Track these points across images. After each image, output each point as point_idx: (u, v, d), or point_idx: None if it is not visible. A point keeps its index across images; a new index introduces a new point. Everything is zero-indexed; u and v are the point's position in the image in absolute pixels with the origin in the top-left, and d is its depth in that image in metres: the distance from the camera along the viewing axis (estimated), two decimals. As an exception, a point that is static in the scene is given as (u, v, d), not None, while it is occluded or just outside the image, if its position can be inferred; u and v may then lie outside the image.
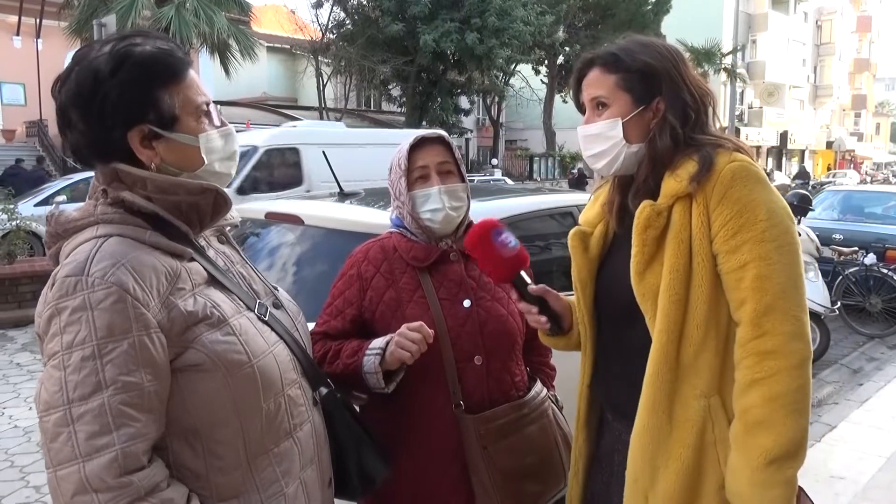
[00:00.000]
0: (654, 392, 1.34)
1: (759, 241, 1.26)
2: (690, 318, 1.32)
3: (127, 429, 1.01)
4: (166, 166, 1.17)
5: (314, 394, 1.33)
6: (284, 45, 26.97)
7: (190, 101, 1.19)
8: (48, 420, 1.02)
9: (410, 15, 20.89)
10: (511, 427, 1.66)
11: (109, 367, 1.01)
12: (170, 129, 1.16)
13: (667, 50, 1.43)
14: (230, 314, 1.17)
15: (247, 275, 1.32)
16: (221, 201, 1.21)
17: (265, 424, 1.18)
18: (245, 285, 1.28)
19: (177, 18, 14.78)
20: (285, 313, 1.34)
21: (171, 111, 1.16)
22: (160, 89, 1.15)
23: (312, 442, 1.29)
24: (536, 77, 27.61)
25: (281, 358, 1.23)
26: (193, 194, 1.17)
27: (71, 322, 1.02)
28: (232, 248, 1.35)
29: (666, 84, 1.39)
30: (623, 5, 25.93)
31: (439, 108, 23.48)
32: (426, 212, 1.67)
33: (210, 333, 1.12)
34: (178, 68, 1.18)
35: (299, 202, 3.20)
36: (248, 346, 1.16)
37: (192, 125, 1.19)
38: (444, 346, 1.60)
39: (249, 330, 1.18)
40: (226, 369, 1.12)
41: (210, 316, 1.13)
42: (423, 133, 1.73)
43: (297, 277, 2.64)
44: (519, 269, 1.49)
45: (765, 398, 1.24)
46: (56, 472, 1.01)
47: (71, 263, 1.06)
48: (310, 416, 1.29)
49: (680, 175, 1.34)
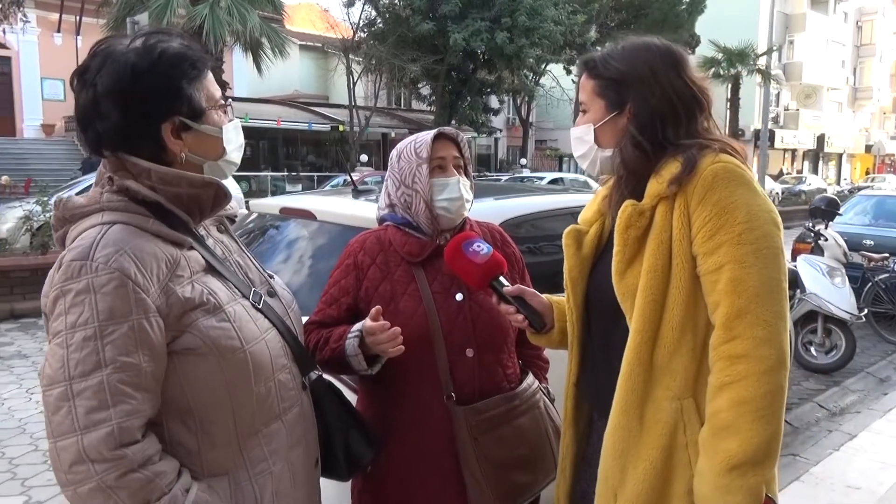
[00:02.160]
0: (626, 392, 1.35)
1: (735, 244, 1.26)
2: (666, 320, 1.32)
3: (123, 405, 1.08)
4: (192, 156, 1.26)
5: (304, 379, 1.39)
6: (316, 43, 27.21)
7: (212, 95, 1.28)
8: (50, 394, 1.09)
9: (441, 14, 20.92)
10: (502, 418, 1.68)
11: (109, 348, 1.08)
12: (198, 121, 1.25)
13: (650, 54, 1.43)
14: (225, 301, 1.22)
15: (243, 264, 1.38)
16: (221, 194, 1.28)
17: (256, 406, 1.24)
18: (241, 274, 1.34)
19: (211, 17, 14.98)
20: (279, 301, 1.39)
21: (200, 104, 1.25)
22: (190, 84, 1.24)
23: (301, 424, 1.36)
24: (567, 77, 27.44)
25: (272, 344, 1.28)
26: (195, 187, 1.24)
27: (75, 304, 1.09)
28: (230, 237, 1.41)
29: (634, 91, 1.40)
30: (656, 5, 25.68)
31: (469, 108, 23.50)
32: (443, 200, 1.71)
33: (206, 319, 1.18)
34: (201, 64, 1.26)
35: (313, 198, 3.25)
36: (241, 332, 1.22)
37: (215, 118, 1.29)
38: (436, 339, 1.64)
39: (243, 317, 1.24)
40: (219, 353, 1.18)
41: (206, 302, 1.19)
42: (444, 129, 1.79)
43: (309, 271, 2.69)
44: (493, 273, 1.57)
45: (732, 402, 1.24)
46: (56, 443, 1.08)
47: (77, 248, 1.12)
48: (299, 399, 1.36)
49: (663, 176, 1.34)
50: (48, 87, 23.99)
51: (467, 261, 1.57)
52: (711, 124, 1.43)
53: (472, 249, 1.58)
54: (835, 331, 5.85)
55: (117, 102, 1.18)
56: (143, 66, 1.18)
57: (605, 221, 1.53)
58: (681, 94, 1.39)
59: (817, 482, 3.64)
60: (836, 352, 5.84)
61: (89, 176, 12.50)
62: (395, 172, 1.77)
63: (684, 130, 1.39)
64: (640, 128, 1.39)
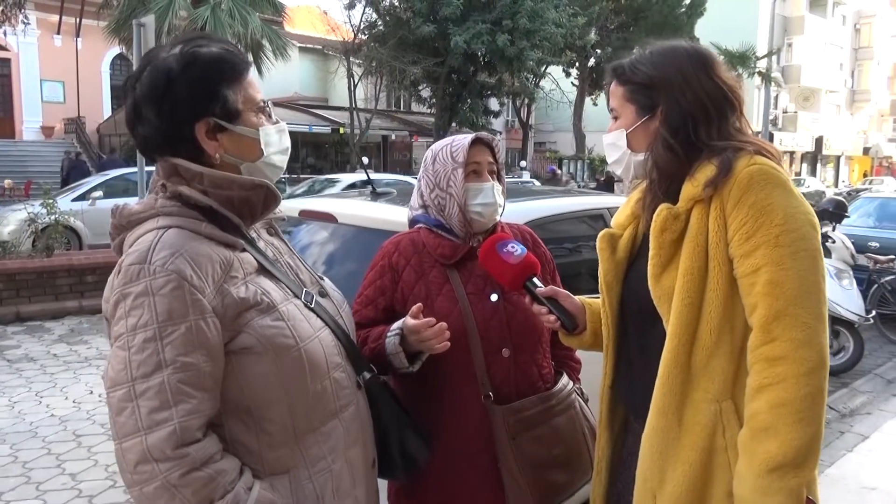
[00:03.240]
0: (664, 395, 1.36)
1: (773, 246, 1.26)
2: (704, 322, 1.32)
3: (184, 405, 1.10)
4: (229, 157, 1.27)
5: (358, 378, 1.40)
6: (316, 45, 27.23)
7: (250, 97, 1.29)
8: (114, 396, 1.11)
9: (442, 16, 20.93)
10: (539, 418, 1.69)
11: (169, 349, 1.10)
12: (233, 123, 1.26)
13: (677, 57, 1.44)
14: (278, 301, 1.24)
15: (294, 265, 1.40)
16: (271, 196, 1.30)
17: (312, 404, 1.26)
18: (292, 274, 1.36)
19: (212, 19, 15.01)
20: (330, 301, 1.41)
21: (235, 106, 1.26)
22: (224, 86, 1.25)
23: (357, 423, 1.37)
24: (567, 79, 27.48)
25: (326, 343, 1.30)
26: (246, 189, 1.26)
27: (135, 306, 1.11)
28: (280, 240, 1.43)
29: (664, 94, 1.41)
30: (656, 7, 25.69)
31: (469, 110, 23.50)
32: (477, 205, 1.73)
33: (260, 318, 1.20)
34: (240, 67, 1.28)
35: (332, 200, 3.26)
36: (295, 330, 1.23)
37: (253, 119, 1.29)
38: (472, 340, 1.65)
39: (296, 316, 1.26)
40: (275, 352, 1.19)
41: (260, 302, 1.21)
42: (481, 134, 1.80)
43: (328, 274, 2.68)
44: (526, 274, 1.59)
45: (771, 404, 1.23)
46: (121, 444, 1.10)
47: (134, 252, 1.15)
48: (355, 398, 1.37)
49: (698, 179, 1.35)
50: (48, 89, 23.99)
51: (501, 261, 1.58)
52: (744, 124, 1.44)
53: (507, 250, 1.59)
54: (843, 332, 5.87)
55: (154, 105, 1.22)
56: (177, 69, 1.22)
57: (639, 224, 1.54)
58: (711, 94, 1.40)
59: (833, 483, 3.64)
60: (845, 353, 5.86)
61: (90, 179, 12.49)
62: (429, 174, 1.78)
63: (716, 131, 1.39)
64: (671, 130, 1.40)
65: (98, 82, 24.70)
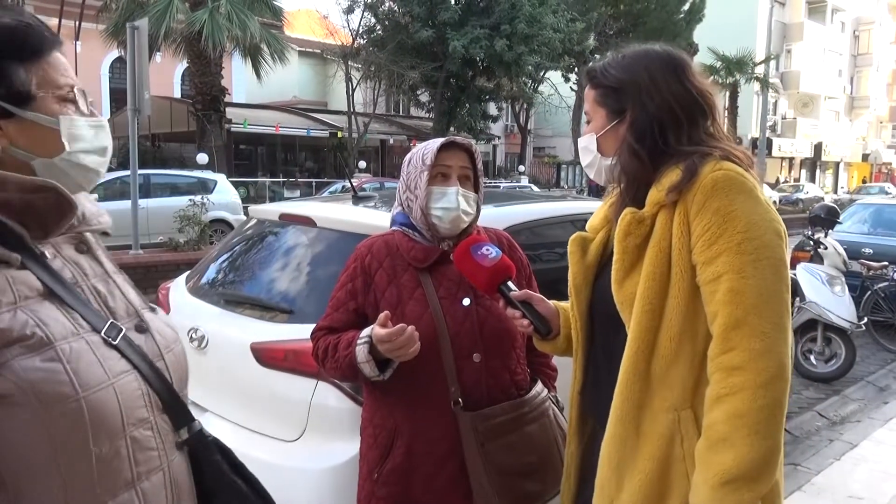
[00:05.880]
0: (622, 402, 1.34)
1: (735, 253, 1.23)
2: (664, 329, 1.30)
3: None
4: (16, 150, 1.04)
5: (176, 435, 1.12)
6: (315, 49, 27.25)
7: (51, 80, 1.06)
8: None
9: (440, 21, 20.97)
10: (510, 425, 1.67)
11: None
12: (22, 107, 1.03)
13: (648, 60, 1.42)
14: (59, 336, 0.97)
15: (105, 290, 1.12)
16: (65, 203, 1.04)
17: (97, 473, 0.98)
18: (98, 302, 1.09)
19: (210, 22, 14.99)
20: (150, 339, 1.13)
21: (25, 87, 1.03)
22: (12, 63, 1.02)
23: (166, 494, 1.09)
24: (566, 84, 27.53)
25: (126, 391, 1.02)
26: (26, 191, 1.01)
27: None
28: (93, 259, 1.15)
29: (632, 98, 1.39)
30: (655, 13, 25.74)
31: (467, 115, 23.54)
32: (438, 208, 1.71)
33: (25, 358, 0.93)
34: (37, 44, 1.05)
35: (313, 204, 3.24)
36: (76, 375, 0.96)
37: (53, 107, 1.07)
38: (442, 344, 1.63)
39: (85, 356, 0.99)
40: (40, 403, 0.93)
41: (29, 336, 0.95)
42: (455, 138, 1.78)
43: (308, 278, 2.67)
44: (501, 277, 1.57)
45: (727, 415, 1.21)
46: None
47: None
48: (165, 462, 1.08)
49: (663, 184, 1.33)
50: (47, 92, 24.00)
51: (476, 263, 1.57)
52: (717, 129, 1.41)
53: (481, 252, 1.58)
54: (835, 339, 5.84)
55: None
56: None
57: (612, 229, 1.52)
58: (681, 99, 1.38)
59: (819, 492, 3.61)
60: (836, 360, 5.82)
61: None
62: (403, 176, 1.78)
63: (686, 137, 1.37)
64: (637, 135, 1.38)
65: (97, 85, 24.70)
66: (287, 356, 2.33)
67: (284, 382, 2.34)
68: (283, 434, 2.34)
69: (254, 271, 2.92)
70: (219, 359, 2.59)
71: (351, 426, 2.18)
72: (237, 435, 2.41)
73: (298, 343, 2.31)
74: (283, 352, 2.35)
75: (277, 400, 2.37)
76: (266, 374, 2.38)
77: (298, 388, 2.29)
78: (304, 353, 2.30)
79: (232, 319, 2.64)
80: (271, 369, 2.37)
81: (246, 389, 2.48)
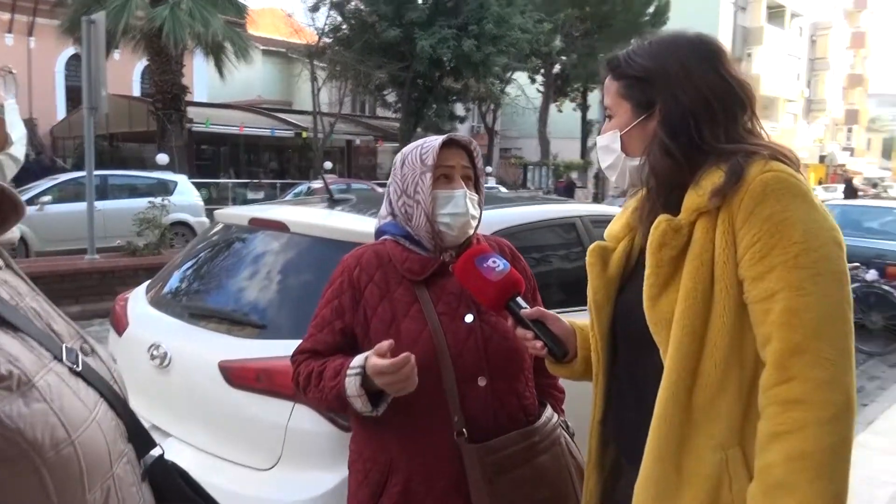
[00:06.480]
0: (660, 439, 1.16)
1: (791, 268, 1.07)
2: (707, 355, 1.14)
3: None
4: None
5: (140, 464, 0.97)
6: (280, 48, 26.81)
7: None
8: None
9: (407, 20, 20.76)
10: (521, 457, 1.49)
11: None
12: None
13: (679, 47, 1.26)
14: (34, 371, 0.79)
15: (41, 310, 0.92)
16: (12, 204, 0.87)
17: None
18: (41, 324, 0.90)
19: (171, 19, 14.59)
20: (98, 360, 0.97)
21: None
22: None
23: None
24: (532, 85, 27.56)
25: (106, 424, 0.87)
26: None
27: None
28: (15, 274, 0.95)
29: (663, 90, 1.23)
30: (621, 16, 25.93)
31: (434, 115, 23.35)
32: (446, 214, 1.53)
33: (6, 404, 0.73)
34: None
35: (286, 208, 3.03)
36: (64, 414, 0.79)
37: None
38: (444, 367, 1.44)
39: (62, 391, 0.81)
40: (35, 453, 0.74)
41: (5, 377, 0.74)
42: (455, 135, 1.60)
43: (280, 287, 2.47)
44: (510, 293, 1.39)
45: (787, 456, 1.05)
46: None
47: None
48: (140, 496, 0.93)
49: (703, 187, 1.16)
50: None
51: (481, 277, 1.39)
52: (757, 125, 1.25)
53: (487, 265, 1.40)
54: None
55: None
56: None
57: (635, 237, 1.35)
58: (717, 90, 1.21)
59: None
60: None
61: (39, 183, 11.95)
62: (397, 179, 1.58)
63: (724, 133, 1.20)
64: (670, 131, 1.21)
65: (51, 83, 23.90)
66: (260, 376, 2.13)
67: (257, 404, 2.14)
68: (255, 462, 2.14)
69: (221, 281, 2.70)
70: (183, 378, 2.37)
71: (332, 453, 1.99)
72: (203, 462, 2.20)
73: (273, 361, 2.12)
74: (256, 371, 2.14)
75: (249, 424, 2.17)
76: (236, 395, 2.17)
77: (273, 410, 2.10)
78: (279, 372, 2.10)
79: (198, 334, 2.43)
80: (242, 390, 2.16)
81: (214, 412, 2.27)
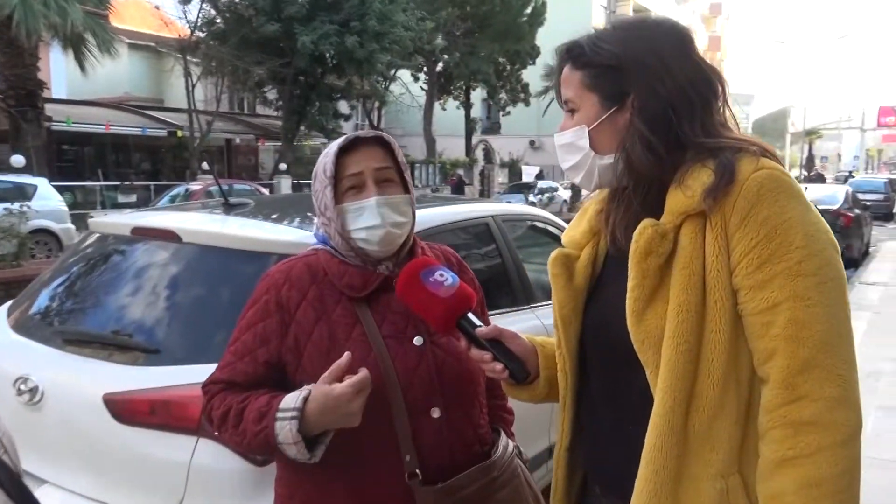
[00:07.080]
0: (655, 472, 1.05)
1: (794, 275, 0.99)
2: (703, 374, 1.03)
3: None
4: None
5: None
6: (149, 42, 25.26)
7: None
8: None
9: (287, 15, 20.09)
10: (479, 495, 1.33)
11: None
12: None
13: (651, 32, 1.16)
14: None
15: None
16: None
17: None
18: None
19: (21, 7, 13.35)
20: None
21: None
22: None
23: None
24: (416, 83, 27.57)
25: None
26: None
27: None
28: None
29: (637, 79, 1.10)
30: (500, 16, 26.49)
31: (318, 113, 22.81)
32: (360, 230, 1.34)
33: None
34: None
35: (175, 214, 2.71)
36: None
37: None
38: (392, 397, 1.27)
39: None
40: None
41: None
42: (359, 133, 1.40)
43: (176, 309, 2.18)
44: (461, 310, 1.23)
45: (799, 484, 0.97)
46: None
47: None
48: None
49: (691, 187, 1.05)
50: None
51: (428, 294, 1.22)
52: (728, 117, 1.16)
53: (434, 279, 1.23)
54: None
55: None
56: None
57: (599, 243, 1.23)
58: (693, 78, 1.11)
59: None
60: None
61: None
62: (313, 194, 1.40)
63: (700, 125, 1.10)
64: (649, 123, 1.09)
65: None
66: (155, 409, 1.86)
67: (153, 441, 1.87)
68: (153, 507, 1.87)
69: (101, 300, 2.36)
70: (59, 415, 2.05)
71: (244, 493, 1.77)
72: (89, 511, 1.90)
73: (170, 391, 1.86)
74: (150, 403, 1.87)
75: (144, 464, 1.89)
76: (126, 432, 1.89)
77: (172, 447, 1.83)
78: (177, 403, 1.85)
79: (75, 364, 2.10)
80: (133, 426, 1.88)
81: (98, 452, 1.97)
